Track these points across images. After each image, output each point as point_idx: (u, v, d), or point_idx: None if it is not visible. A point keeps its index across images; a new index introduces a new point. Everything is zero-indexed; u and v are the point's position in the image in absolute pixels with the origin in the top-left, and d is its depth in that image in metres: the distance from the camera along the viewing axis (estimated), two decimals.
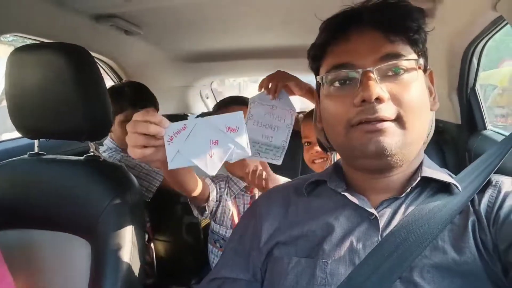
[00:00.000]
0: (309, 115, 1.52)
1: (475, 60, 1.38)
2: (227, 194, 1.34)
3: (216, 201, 1.30)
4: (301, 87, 1.10)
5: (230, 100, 1.39)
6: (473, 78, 1.43)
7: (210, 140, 0.70)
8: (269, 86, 1.08)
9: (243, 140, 0.70)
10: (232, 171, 1.36)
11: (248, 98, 1.39)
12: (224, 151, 0.70)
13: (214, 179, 1.33)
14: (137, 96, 1.60)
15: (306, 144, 1.53)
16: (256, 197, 1.32)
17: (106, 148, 1.63)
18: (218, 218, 1.33)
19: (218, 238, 1.32)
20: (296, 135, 1.60)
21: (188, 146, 0.70)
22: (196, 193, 1.11)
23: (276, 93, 1.06)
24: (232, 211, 1.31)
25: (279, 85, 1.07)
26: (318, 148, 1.44)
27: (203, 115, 2.30)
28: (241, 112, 0.71)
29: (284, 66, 1.16)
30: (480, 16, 1.08)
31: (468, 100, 1.47)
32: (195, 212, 1.27)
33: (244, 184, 1.34)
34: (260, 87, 1.10)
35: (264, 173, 1.20)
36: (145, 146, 0.71)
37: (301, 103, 2.04)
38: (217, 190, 1.30)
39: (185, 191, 1.07)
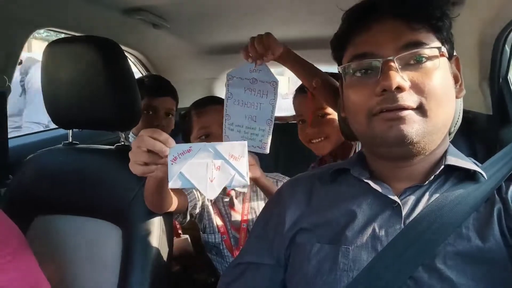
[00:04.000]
0: (301, 89, 1.40)
1: (507, 49, 1.34)
2: (207, 200, 1.31)
3: (199, 208, 1.27)
4: (279, 45, 1.00)
5: (207, 101, 1.37)
6: (505, 67, 1.39)
7: (213, 165, 0.72)
8: (254, 49, 0.95)
9: (244, 169, 0.73)
10: None
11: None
12: (225, 177, 0.72)
13: None
14: (155, 85, 1.64)
15: (300, 122, 1.40)
16: (235, 199, 1.31)
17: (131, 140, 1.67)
18: (206, 227, 1.30)
19: (211, 246, 1.30)
20: None
21: (191, 168, 0.72)
22: (169, 210, 1.05)
23: (266, 57, 0.95)
24: (213, 216, 1.30)
25: (267, 42, 0.95)
26: (314, 128, 1.33)
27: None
28: (245, 143, 0.74)
29: (309, 56, 1.15)
30: (511, 3, 1.04)
31: (500, 90, 1.43)
32: (178, 218, 1.24)
33: None
34: (246, 53, 0.97)
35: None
36: (146, 164, 0.73)
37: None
38: (197, 197, 1.24)
39: (155, 208, 1.02)
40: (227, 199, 1.33)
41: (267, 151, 0.98)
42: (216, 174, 0.72)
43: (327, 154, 1.39)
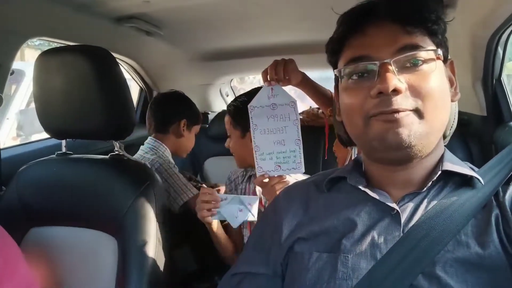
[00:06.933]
0: None
1: (500, 50, 1.34)
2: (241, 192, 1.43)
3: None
4: (298, 73, 1.07)
5: None
6: (498, 69, 1.39)
7: (238, 209, 1.19)
8: (274, 72, 1.01)
9: (255, 211, 1.19)
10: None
11: None
12: (243, 215, 1.18)
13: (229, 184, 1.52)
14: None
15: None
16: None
17: (149, 146, 1.69)
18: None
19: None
20: (316, 130, 1.59)
21: (226, 210, 1.19)
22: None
23: (283, 82, 1.00)
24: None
25: (287, 66, 1.01)
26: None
27: (223, 112, 2.33)
28: (257, 197, 1.20)
29: (302, 61, 1.16)
30: (503, 5, 1.05)
31: (494, 91, 1.43)
32: None
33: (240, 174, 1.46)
34: (265, 76, 1.03)
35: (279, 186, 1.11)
36: (208, 210, 1.20)
37: None
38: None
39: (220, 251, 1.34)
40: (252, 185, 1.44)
41: (303, 169, 1.01)
42: (239, 214, 1.18)
43: None
